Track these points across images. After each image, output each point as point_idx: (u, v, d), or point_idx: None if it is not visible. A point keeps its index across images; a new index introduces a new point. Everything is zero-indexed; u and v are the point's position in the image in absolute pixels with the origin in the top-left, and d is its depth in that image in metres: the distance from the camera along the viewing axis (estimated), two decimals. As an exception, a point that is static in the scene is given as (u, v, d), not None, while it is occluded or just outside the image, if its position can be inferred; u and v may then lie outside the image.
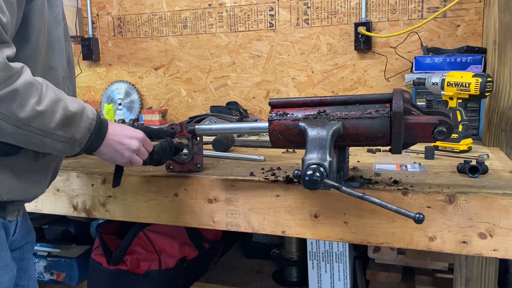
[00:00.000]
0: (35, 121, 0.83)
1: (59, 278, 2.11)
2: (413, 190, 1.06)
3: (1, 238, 0.97)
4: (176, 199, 1.28)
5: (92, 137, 0.95)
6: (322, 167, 0.92)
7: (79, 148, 0.94)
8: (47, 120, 0.85)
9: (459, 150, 1.51)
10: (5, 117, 0.80)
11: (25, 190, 0.98)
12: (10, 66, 0.80)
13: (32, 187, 0.99)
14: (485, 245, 1.01)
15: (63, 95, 0.90)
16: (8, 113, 0.80)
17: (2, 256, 0.96)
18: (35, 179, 0.99)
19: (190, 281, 1.95)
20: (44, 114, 0.84)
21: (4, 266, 0.96)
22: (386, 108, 1.02)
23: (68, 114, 0.88)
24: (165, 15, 2.65)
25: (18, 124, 0.82)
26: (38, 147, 0.89)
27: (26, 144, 0.88)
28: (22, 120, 0.82)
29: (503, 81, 1.64)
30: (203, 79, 2.63)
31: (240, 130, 1.28)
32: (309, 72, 2.41)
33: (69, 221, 2.32)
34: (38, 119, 0.84)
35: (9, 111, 0.80)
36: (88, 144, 0.95)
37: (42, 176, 1.02)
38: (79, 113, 0.91)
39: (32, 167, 0.97)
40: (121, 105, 2.78)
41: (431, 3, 2.15)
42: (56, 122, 0.86)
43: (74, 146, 0.93)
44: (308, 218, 1.15)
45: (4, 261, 0.96)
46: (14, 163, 0.93)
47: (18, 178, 0.95)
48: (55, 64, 1.00)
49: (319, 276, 1.85)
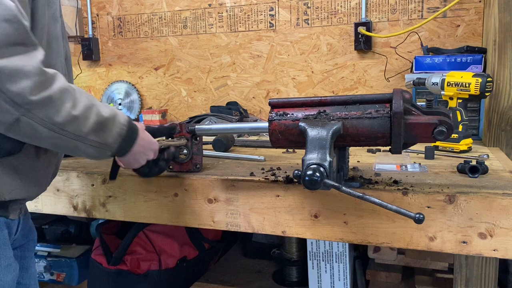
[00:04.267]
0: (70, 125, 0.85)
1: (59, 278, 2.11)
2: (413, 190, 1.06)
3: (4, 237, 0.97)
4: (176, 199, 1.28)
5: (123, 143, 0.97)
6: (322, 167, 0.92)
7: (109, 152, 0.95)
8: (81, 124, 0.87)
9: (459, 150, 1.51)
10: (42, 122, 0.81)
11: (27, 189, 0.98)
12: (45, 71, 0.82)
13: (34, 185, 1.00)
14: (485, 245, 1.01)
15: (95, 101, 0.91)
16: (45, 118, 0.82)
17: (5, 255, 0.96)
18: (37, 177, 1.00)
19: (190, 281, 1.95)
20: (79, 119, 0.86)
21: (7, 265, 0.96)
22: (386, 108, 1.02)
23: (101, 119, 0.90)
24: (165, 15, 2.65)
25: (53, 128, 0.83)
26: (71, 151, 0.91)
27: (59, 148, 0.90)
28: (58, 125, 0.83)
29: (503, 81, 1.64)
30: (203, 79, 2.63)
31: (240, 130, 1.28)
32: (309, 72, 2.41)
33: (69, 221, 2.32)
34: (72, 124, 0.85)
35: (46, 116, 0.81)
36: (119, 149, 0.97)
37: (44, 173, 1.02)
38: (111, 118, 0.93)
39: (34, 165, 0.98)
40: (121, 105, 2.78)
41: (431, 3, 2.15)
42: (90, 127, 0.88)
43: (106, 151, 0.94)
44: (308, 218, 1.15)
45: (7, 260, 0.97)
46: (17, 162, 0.93)
47: (21, 177, 0.95)
48: (53, 62, 1.00)
49: (319, 276, 1.85)
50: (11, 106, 0.78)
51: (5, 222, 0.97)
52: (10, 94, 0.77)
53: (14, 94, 0.77)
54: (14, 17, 0.78)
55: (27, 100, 0.78)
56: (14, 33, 0.78)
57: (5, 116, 0.79)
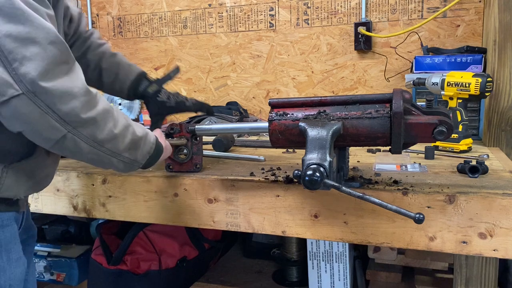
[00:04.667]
0: (109, 143, 0.92)
1: (59, 278, 2.11)
2: (413, 190, 1.06)
3: (15, 231, 1.00)
4: (176, 199, 1.28)
5: (149, 159, 1.05)
6: (322, 167, 0.92)
7: (137, 167, 1.03)
8: (119, 143, 0.94)
9: (459, 150, 1.51)
10: (86, 139, 0.88)
11: (39, 186, 1.04)
12: (90, 91, 0.88)
13: (44, 180, 1.05)
14: (485, 245, 1.01)
15: (130, 121, 0.99)
16: (89, 135, 0.88)
17: (15, 249, 1.00)
18: (47, 173, 1.05)
19: (190, 281, 1.95)
20: (118, 137, 0.93)
21: (17, 258, 1.00)
22: (386, 108, 1.02)
23: (136, 139, 0.98)
24: (165, 15, 2.65)
25: (94, 145, 0.90)
26: (103, 164, 0.97)
27: (93, 162, 0.95)
28: (99, 142, 0.90)
29: (503, 81, 1.64)
30: (203, 79, 2.63)
31: (240, 130, 1.28)
32: (309, 72, 2.41)
33: (69, 221, 2.32)
34: (112, 142, 0.92)
35: (90, 134, 0.88)
36: (145, 165, 1.05)
37: (52, 170, 1.07)
38: (144, 138, 1.01)
39: (45, 164, 1.02)
40: (121, 105, 2.78)
41: (431, 3, 2.15)
42: (125, 145, 0.96)
43: (134, 166, 1.02)
44: (308, 218, 1.15)
45: (17, 254, 1.00)
46: (32, 163, 0.97)
47: (35, 176, 1.00)
48: None
49: (319, 276, 1.85)
50: (61, 124, 0.83)
51: (15, 217, 1.01)
52: (60, 114, 0.82)
53: (64, 114, 0.82)
54: (57, 37, 0.82)
55: (76, 119, 0.84)
56: (59, 53, 0.82)
57: (54, 133, 0.84)
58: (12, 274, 0.97)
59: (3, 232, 0.96)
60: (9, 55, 0.77)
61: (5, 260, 0.96)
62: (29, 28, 0.78)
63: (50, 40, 0.80)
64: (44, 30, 0.80)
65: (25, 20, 0.78)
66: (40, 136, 0.85)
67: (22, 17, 0.78)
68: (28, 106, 0.79)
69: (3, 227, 0.97)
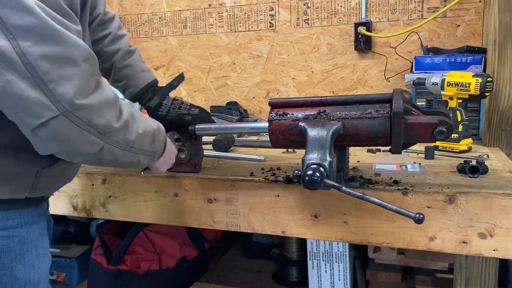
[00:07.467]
0: (137, 142, 0.94)
1: (59, 278, 2.11)
2: (413, 190, 1.06)
3: (43, 228, 1.03)
4: (176, 199, 1.28)
5: (164, 145, 1.07)
6: (322, 167, 0.92)
7: (157, 158, 1.06)
8: (144, 139, 0.97)
9: (459, 150, 1.51)
10: (119, 144, 0.89)
11: (68, 180, 1.08)
12: (119, 99, 0.89)
13: (72, 175, 1.09)
14: (485, 245, 1.01)
15: (143, 116, 1.01)
16: (121, 140, 0.90)
17: (43, 245, 1.02)
18: (75, 168, 1.09)
19: (190, 281, 1.95)
20: (143, 136, 0.96)
21: (44, 254, 1.02)
22: (386, 108, 1.02)
23: (152, 131, 1.00)
24: (165, 15, 2.65)
25: (126, 148, 0.92)
26: (131, 165, 0.99)
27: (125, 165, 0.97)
28: (130, 143, 0.92)
29: (503, 81, 1.64)
30: (203, 79, 2.63)
31: (240, 130, 1.28)
32: (309, 72, 2.41)
33: (69, 221, 2.32)
34: (138, 141, 0.95)
35: (122, 139, 0.90)
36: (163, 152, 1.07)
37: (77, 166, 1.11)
38: (157, 128, 1.03)
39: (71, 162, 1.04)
40: (121, 104, 2.78)
41: (431, 3, 2.15)
42: (148, 140, 0.98)
43: (155, 157, 1.04)
44: (308, 218, 1.15)
45: (44, 249, 1.02)
46: (62, 165, 0.99)
47: (65, 174, 1.04)
48: None
49: (319, 276, 1.85)
50: (98, 137, 0.84)
51: (45, 212, 1.05)
52: (98, 128, 0.83)
53: (102, 127, 0.84)
54: (90, 54, 0.82)
55: (111, 129, 0.86)
56: (92, 70, 0.82)
57: (92, 147, 0.85)
58: (40, 269, 1.00)
59: (32, 229, 0.98)
60: (45, 76, 0.75)
61: (34, 256, 0.98)
62: (64, 47, 0.77)
63: (84, 57, 0.80)
64: (78, 48, 0.79)
65: (59, 39, 0.77)
66: (78, 153, 0.85)
67: (56, 37, 0.76)
68: (67, 126, 0.79)
69: (32, 224, 0.99)
